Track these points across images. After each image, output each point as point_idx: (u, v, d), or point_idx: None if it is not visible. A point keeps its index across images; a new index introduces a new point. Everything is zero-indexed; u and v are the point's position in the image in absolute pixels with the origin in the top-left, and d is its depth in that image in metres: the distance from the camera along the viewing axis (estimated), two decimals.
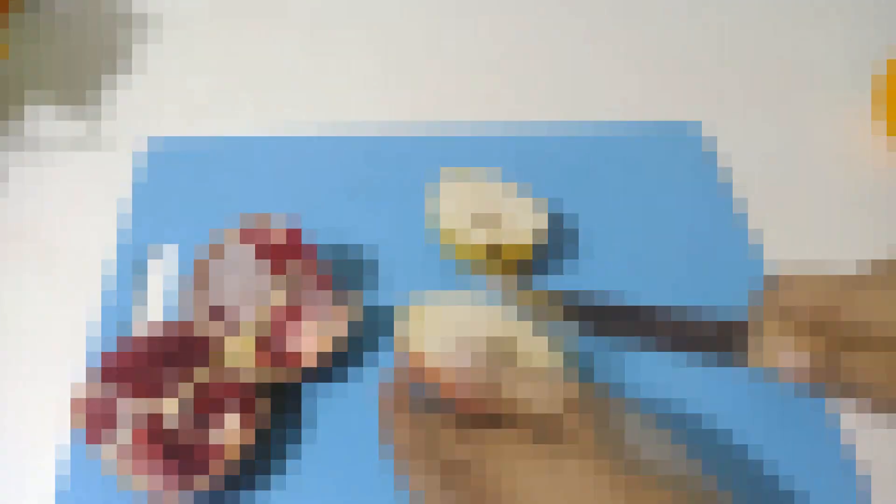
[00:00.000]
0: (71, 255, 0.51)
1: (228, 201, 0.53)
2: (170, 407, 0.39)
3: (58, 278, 0.50)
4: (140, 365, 0.40)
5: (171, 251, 0.51)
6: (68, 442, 0.42)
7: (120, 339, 0.45)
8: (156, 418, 0.38)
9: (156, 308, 0.48)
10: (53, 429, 0.44)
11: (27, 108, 0.61)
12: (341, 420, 0.43)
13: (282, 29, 0.69)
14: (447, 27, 0.69)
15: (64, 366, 0.46)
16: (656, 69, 0.65)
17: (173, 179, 0.55)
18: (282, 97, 0.63)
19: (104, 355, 0.40)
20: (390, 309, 0.47)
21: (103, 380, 0.39)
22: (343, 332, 0.43)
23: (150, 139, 0.57)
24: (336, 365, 0.45)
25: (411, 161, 0.56)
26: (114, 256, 0.50)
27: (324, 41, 0.68)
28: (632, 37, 0.68)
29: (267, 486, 0.41)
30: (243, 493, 0.41)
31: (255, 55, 0.66)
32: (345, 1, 0.72)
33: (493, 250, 0.46)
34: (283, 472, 0.42)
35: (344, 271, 0.49)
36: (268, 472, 0.42)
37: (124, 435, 0.38)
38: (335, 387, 0.45)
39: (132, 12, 0.69)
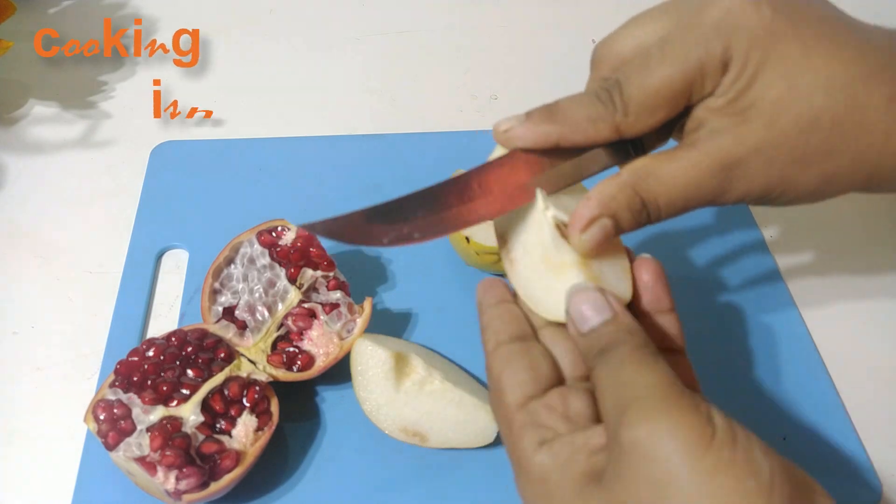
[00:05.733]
0: (72, 256, 0.51)
1: (239, 203, 0.53)
2: (185, 410, 0.38)
3: (58, 279, 0.49)
4: (154, 369, 0.39)
5: (181, 253, 0.50)
6: (80, 445, 0.42)
7: (131, 344, 0.44)
8: (171, 422, 0.38)
9: (167, 311, 0.48)
10: (59, 432, 0.43)
11: (28, 109, 0.60)
12: (352, 421, 0.43)
13: (288, 29, 0.68)
14: (455, 35, 0.68)
15: (71, 368, 0.45)
16: None
17: (180, 181, 0.54)
18: (290, 97, 0.62)
19: (120, 362, 0.40)
20: (405, 310, 0.47)
21: (119, 385, 0.39)
22: (357, 333, 0.43)
23: (160, 144, 0.57)
24: (348, 367, 0.44)
25: (427, 161, 0.55)
26: (116, 258, 0.50)
27: (331, 42, 0.67)
28: None
29: (279, 489, 0.41)
30: (258, 496, 0.40)
31: (261, 56, 0.66)
32: (354, 4, 0.71)
33: None
34: (295, 473, 0.41)
35: (358, 272, 0.48)
36: (281, 473, 0.41)
37: (140, 440, 0.37)
38: (347, 388, 0.44)
39: (135, 13, 0.69)
